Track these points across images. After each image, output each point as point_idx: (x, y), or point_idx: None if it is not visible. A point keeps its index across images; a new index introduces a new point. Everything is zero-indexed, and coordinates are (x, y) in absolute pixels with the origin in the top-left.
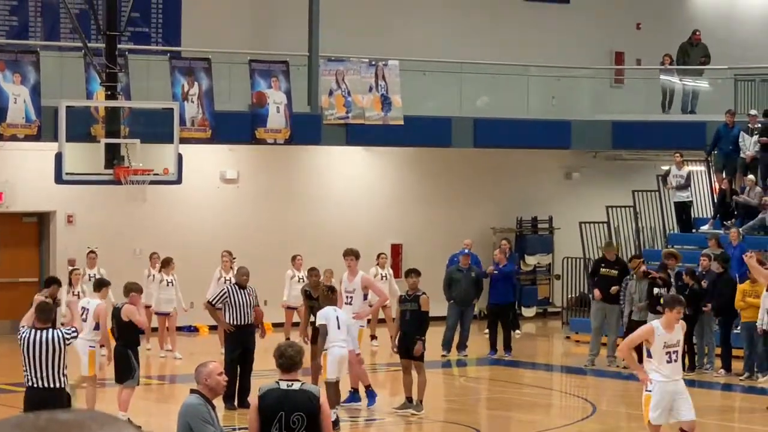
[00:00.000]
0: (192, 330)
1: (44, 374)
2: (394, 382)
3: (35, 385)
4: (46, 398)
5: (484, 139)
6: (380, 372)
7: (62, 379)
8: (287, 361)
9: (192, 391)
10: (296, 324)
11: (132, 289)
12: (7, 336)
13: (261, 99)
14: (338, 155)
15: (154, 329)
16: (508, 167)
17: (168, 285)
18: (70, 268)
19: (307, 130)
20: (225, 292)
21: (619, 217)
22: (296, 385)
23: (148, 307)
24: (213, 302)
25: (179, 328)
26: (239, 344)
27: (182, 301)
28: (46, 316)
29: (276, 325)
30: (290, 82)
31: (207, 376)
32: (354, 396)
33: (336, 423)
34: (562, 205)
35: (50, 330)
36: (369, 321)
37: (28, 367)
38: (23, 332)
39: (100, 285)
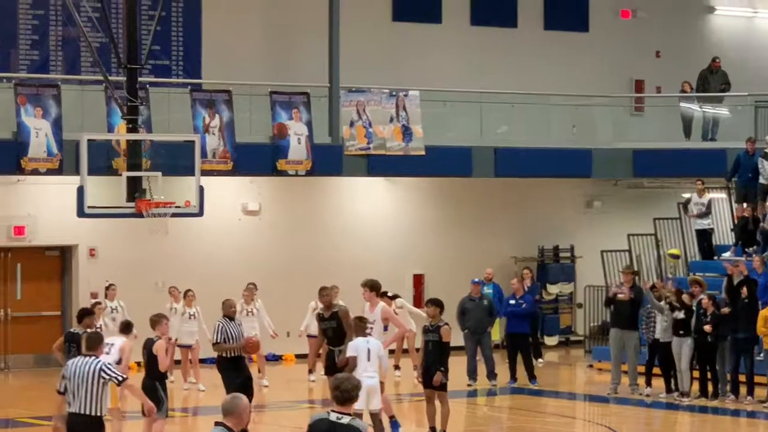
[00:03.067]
0: (215, 362)
1: (86, 401)
2: (418, 413)
3: (77, 411)
4: (86, 424)
5: (505, 168)
6: (404, 402)
7: (102, 407)
8: (342, 394)
9: (217, 423)
10: (319, 355)
11: (158, 321)
12: (31, 370)
13: (282, 130)
14: (360, 186)
15: (177, 362)
16: (529, 196)
17: (190, 318)
18: (93, 301)
19: (328, 161)
20: (222, 326)
21: (640, 245)
22: (345, 419)
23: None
24: (217, 341)
25: (202, 360)
26: (239, 373)
27: (207, 332)
28: (95, 344)
29: (299, 356)
30: (311, 113)
31: (243, 411)
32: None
33: None
34: (584, 234)
35: (96, 359)
36: (392, 351)
37: (71, 393)
38: (68, 363)
39: (128, 328)
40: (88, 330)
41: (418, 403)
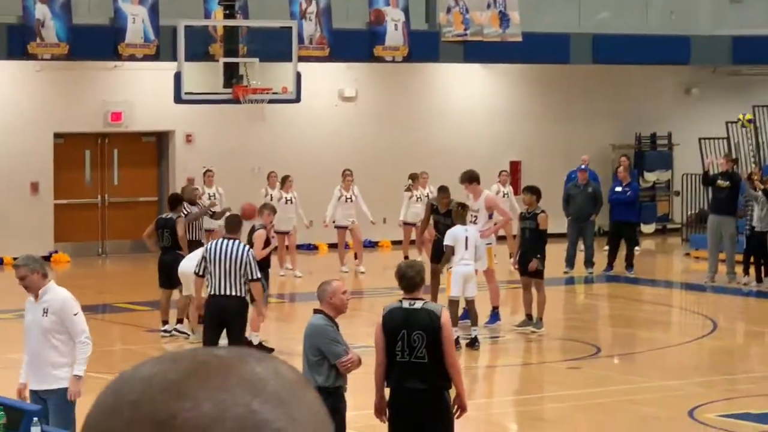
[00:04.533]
0: (312, 248)
1: (227, 283)
2: (514, 300)
3: (217, 293)
4: (226, 306)
5: (603, 55)
6: (500, 290)
7: (243, 288)
8: (408, 282)
9: (316, 311)
10: (414, 242)
11: (262, 211)
12: (127, 255)
13: (379, 16)
14: (456, 73)
15: (274, 248)
16: (626, 83)
17: (287, 203)
18: (191, 187)
19: (425, 47)
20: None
21: (739, 133)
22: (418, 304)
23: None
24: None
25: (299, 246)
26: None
27: (304, 218)
28: (235, 227)
29: (395, 243)
30: None
31: (332, 295)
32: (497, 315)
33: (474, 341)
34: (681, 121)
35: (237, 242)
36: (502, 237)
37: (211, 276)
38: (210, 244)
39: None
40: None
41: (515, 291)
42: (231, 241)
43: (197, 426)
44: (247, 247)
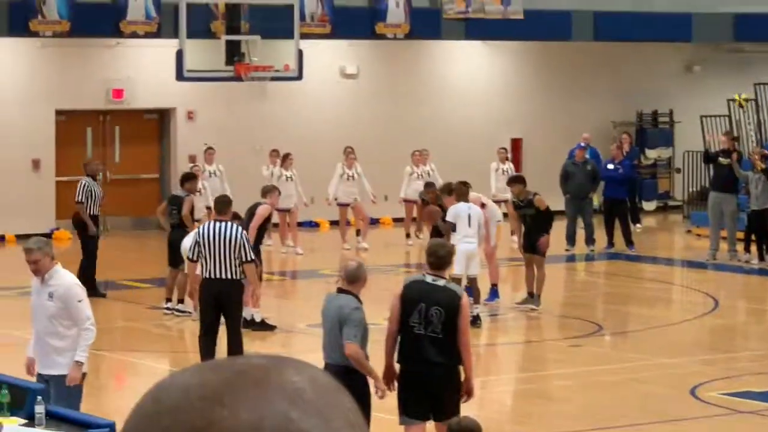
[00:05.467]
0: (313, 225)
1: (221, 266)
2: (514, 277)
3: (211, 276)
4: (221, 289)
5: (605, 32)
6: (501, 267)
7: (238, 270)
8: (437, 260)
9: (342, 290)
10: (415, 219)
11: (270, 191)
12: (130, 231)
13: None
14: (458, 50)
15: (275, 225)
16: (628, 60)
17: (288, 180)
18: (191, 164)
19: (426, 24)
20: (86, 184)
21: (740, 111)
22: (441, 282)
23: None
24: (81, 200)
25: (300, 224)
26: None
27: (303, 196)
28: (225, 208)
29: (396, 220)
30: None
31: (365, 279)
32: (496, 293)
33: (476, 320)
34: (683, 99)
35: (229, 223)
36: (506, 215)
37: (205, 259)
38: (201, 227)
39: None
40: (190, 194)
41: (515, 268)
42: (223, 223)
43: None
44: (240, 228)
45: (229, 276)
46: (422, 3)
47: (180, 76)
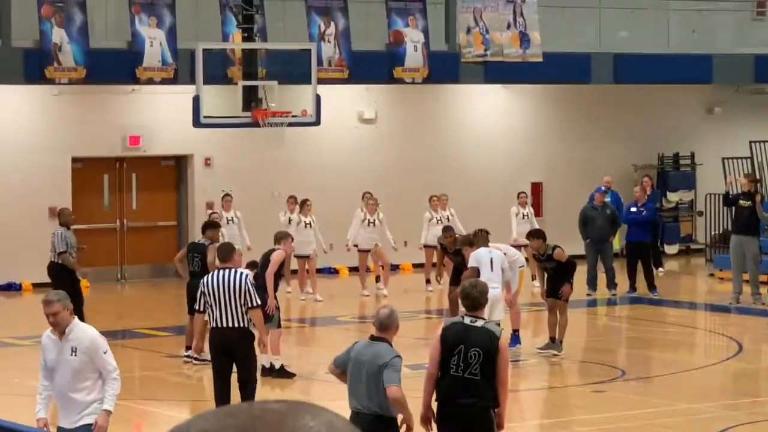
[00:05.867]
0: (332, 272)
1: (227, 314)
2: (536, 323)
3: (219, 325)
4: (229, 338)
5: (624, 74)
6: (522, 312)
7: (245, 318)
8: (471, 302)
9: (376, 338)
10: (435, 265)
11: (284, 238)
12: (147, 280)
13: (398, 38)
14: (477, 93)
15: (294, 272)
16: (648, 103)
17: (306, 227)
18: (209, 211)
19: (445, 68)
20: (61, 234)
21: (763, 152)
22: (479, 323)
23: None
24: (63, 249)
25: (319, 270)
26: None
27: (322, 242)
28: (228, 255)
29: (416, 266)
30: (427, 20)
31: (398, 325)
32: (517, 338)
33: None
34: (704, 141)
35: (233, 270)
36: (527, 260)
37: (211, 309)
38: (206, 278)
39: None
40: (213, 242)
41: (536, 314)
42: (226, 271)
43: None
44: (245, 273)
45: (236, 324)
46: (440, 47)
47: (197, 122)
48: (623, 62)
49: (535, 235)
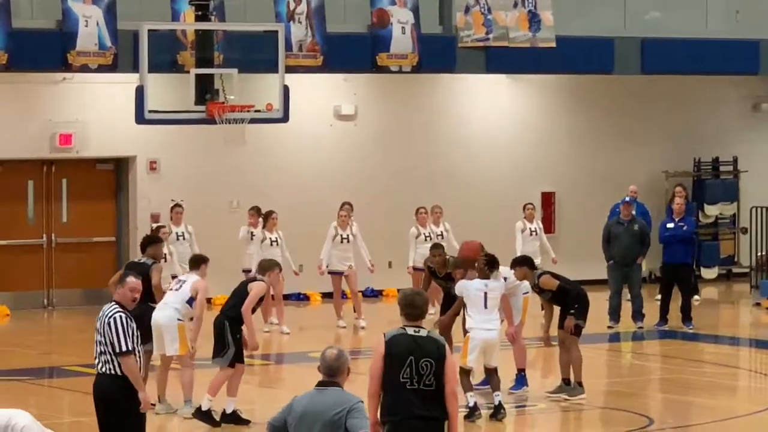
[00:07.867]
0: (302, 298)
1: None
2: (544, 361)
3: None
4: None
5: (654, 63)
6: (530, 348)
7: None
8: (414, 311)
9: (326, 383)
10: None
11: (271, 269)
12: (80, 308)
13: (382, 18)
14: (476, 85)
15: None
16: (682, 98)
17: (272, 244)
18: (154, 225)
19: (438, 55)
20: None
21: None
22: (423, 332)
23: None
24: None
25: (286, 297)
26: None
27: (291, 263)
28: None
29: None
30: None
31: (349, 370)
32: (523, 379)
33: (497, 410)
34: (750, 144)
35: (111, 304)
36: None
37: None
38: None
39: (197, 262)
40: (156, 261)
41: (545, 350)
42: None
43: None
44: (114, 310)
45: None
46: (433, 29)
47: (140, 118)
48: (652, 48)
49: (518, 263)
